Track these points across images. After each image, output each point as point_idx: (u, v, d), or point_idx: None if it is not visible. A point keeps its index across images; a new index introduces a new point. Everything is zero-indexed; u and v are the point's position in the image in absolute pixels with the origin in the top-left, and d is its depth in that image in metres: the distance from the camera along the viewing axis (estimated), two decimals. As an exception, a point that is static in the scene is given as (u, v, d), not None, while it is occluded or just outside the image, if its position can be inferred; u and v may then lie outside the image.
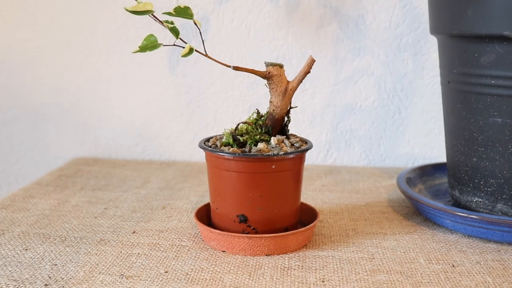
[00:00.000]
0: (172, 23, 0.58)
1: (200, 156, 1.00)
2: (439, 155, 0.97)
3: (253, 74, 0.61)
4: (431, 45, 0.93)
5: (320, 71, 0.96)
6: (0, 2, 0.98)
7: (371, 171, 0.94)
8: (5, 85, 1.02)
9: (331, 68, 0.96)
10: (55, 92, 1.01)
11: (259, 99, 0.97)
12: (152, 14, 0.56)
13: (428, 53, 0.94)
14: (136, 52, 0.55)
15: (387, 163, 0.99)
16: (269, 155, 0.58)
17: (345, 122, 0.98)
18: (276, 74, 0.61)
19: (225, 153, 0.58)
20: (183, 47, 0.57)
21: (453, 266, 0.57)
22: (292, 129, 0.87)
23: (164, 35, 0.73)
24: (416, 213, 0.73)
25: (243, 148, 0.60)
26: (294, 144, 0.62)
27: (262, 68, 0.62)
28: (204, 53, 0.59)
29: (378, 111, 0.97)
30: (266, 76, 0.61)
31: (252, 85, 0.97)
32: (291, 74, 0.94)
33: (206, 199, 0.77)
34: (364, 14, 0.94)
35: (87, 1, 0.96)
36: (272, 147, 0.60)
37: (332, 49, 0.95)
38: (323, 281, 0.53)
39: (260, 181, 0.59)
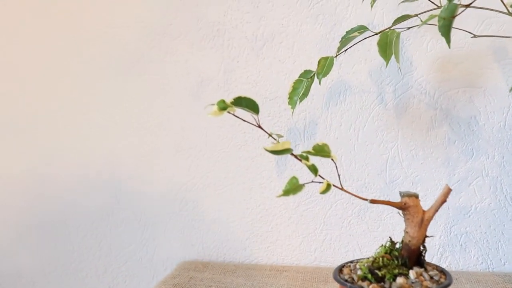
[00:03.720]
0: (307, 158, 0.58)
1: (308, 260, 0.99)
2: None
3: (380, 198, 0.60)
4: (551, 146, 0.90)
5: (432, 173, 0.94)
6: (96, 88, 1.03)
7: (491, 278, 0.89)
8: (116, 191, 1.05)
9: (444, 170, 0.93)
10: (163, 196, 1.03)
11: (368, 203, 0.95)
12: (292, 153, 0.57)
13: (547, 153, 0.90)
14: (280, 196, 0.55)
15: (507, 268, 0.94)
16: (412, 294, 0.56)
17: (460, 225, 0.94)
18: (412, 205, 0.59)
19: (366, 290, 0.57)
20: (321, 183, 0.57)
21: None
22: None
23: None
24: None
25: (382, 283, 0.58)
26: (434, 277, 0.60)
27: (372, 167, 0.61)
28: (340, 187, 0.58)
29: (495, 213, 0.93)
30: (402, 207, 0.60)
31: (361, 189, 0.96)
32: (401, 176, 0.93)
33: (329, 319, 0.75)
34: (477, 115, 0.92)
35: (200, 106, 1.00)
36: (412, 282, 0.58)
37: (444, 150, 0.93)
38: None
39: (403, 320, 0.57)
